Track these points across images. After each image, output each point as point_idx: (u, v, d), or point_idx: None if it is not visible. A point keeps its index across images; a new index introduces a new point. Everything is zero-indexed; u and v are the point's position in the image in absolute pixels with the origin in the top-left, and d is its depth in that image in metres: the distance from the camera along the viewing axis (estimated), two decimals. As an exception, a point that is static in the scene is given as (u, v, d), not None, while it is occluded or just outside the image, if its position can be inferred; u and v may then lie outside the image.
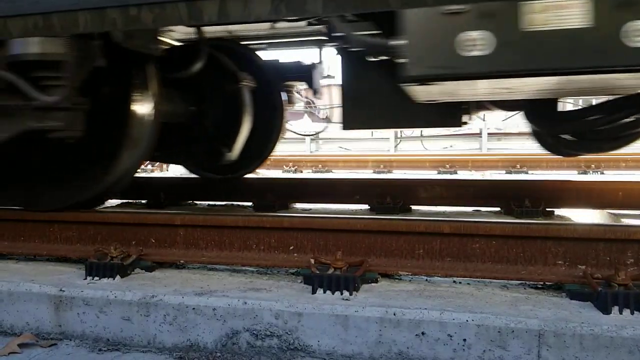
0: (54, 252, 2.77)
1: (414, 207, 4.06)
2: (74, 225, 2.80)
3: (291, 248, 2.49)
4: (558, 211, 3.77)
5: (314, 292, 2.10)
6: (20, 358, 1.97)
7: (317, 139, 12.65)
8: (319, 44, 4.17)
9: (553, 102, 3.03)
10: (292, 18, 3.30)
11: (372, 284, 2.21)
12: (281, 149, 11.80)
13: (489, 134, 11.40)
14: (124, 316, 2.09)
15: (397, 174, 8.36)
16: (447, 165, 8.61)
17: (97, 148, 2.81)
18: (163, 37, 3.46)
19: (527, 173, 8.23)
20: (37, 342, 2.10)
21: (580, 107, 3.05)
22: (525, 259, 2.23)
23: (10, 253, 2.84)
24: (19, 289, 2.23)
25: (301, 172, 9.09)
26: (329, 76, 4.83)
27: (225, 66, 3.75)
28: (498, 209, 3.93)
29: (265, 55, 4.23)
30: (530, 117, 3.10)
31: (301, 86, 4.40)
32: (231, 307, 2.00)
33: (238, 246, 2.56)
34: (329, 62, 4.35)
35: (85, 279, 2.34)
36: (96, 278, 2.34)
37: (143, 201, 4.60)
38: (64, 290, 2.18)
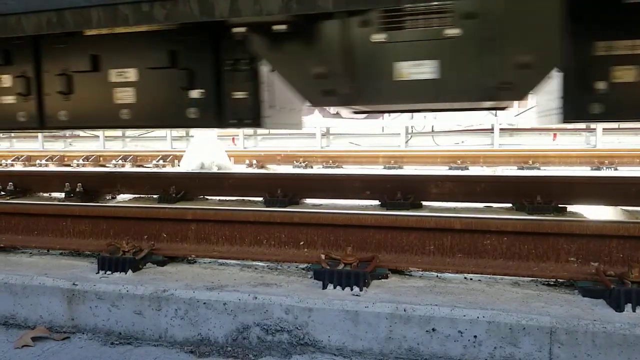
0: (67, 246, 2.80)
1: (424, 203, 4.05)
2: (87, 220, 2.83)
3: (301, 243, 2.50)
4: (570, 207, 3.74)
5: (324, 287, 2.10)
6: (34, 351, 2.00)
7: (327, 134, 12.64)
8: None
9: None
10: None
11: (383, 280, 2.21)
12: (292, 145, 11.77)
13: (500, 129, 11.30)
14: (136, 310, 2.11)
15: (408, 170, 8.33)
16: (459, 161, 8.58)
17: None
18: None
19: (539, 169, 8.17)
20: (51, 335, 2.12)
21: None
22: (537, 256, 2.22)
23: (24, 247, 2.88)
24: (32, 283, 2.26)
25: (312, 167, 9.09)
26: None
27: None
28: (510, 205, 3.92)
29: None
30: None
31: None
32: (242, 302, 2.01)
33: (249, 241, 2.57)
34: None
35: (98, 273, 2.37)
36: (108, 272, 2.36)
37: (155, 195, 4.64)
38: (76, 284, 2.21)
